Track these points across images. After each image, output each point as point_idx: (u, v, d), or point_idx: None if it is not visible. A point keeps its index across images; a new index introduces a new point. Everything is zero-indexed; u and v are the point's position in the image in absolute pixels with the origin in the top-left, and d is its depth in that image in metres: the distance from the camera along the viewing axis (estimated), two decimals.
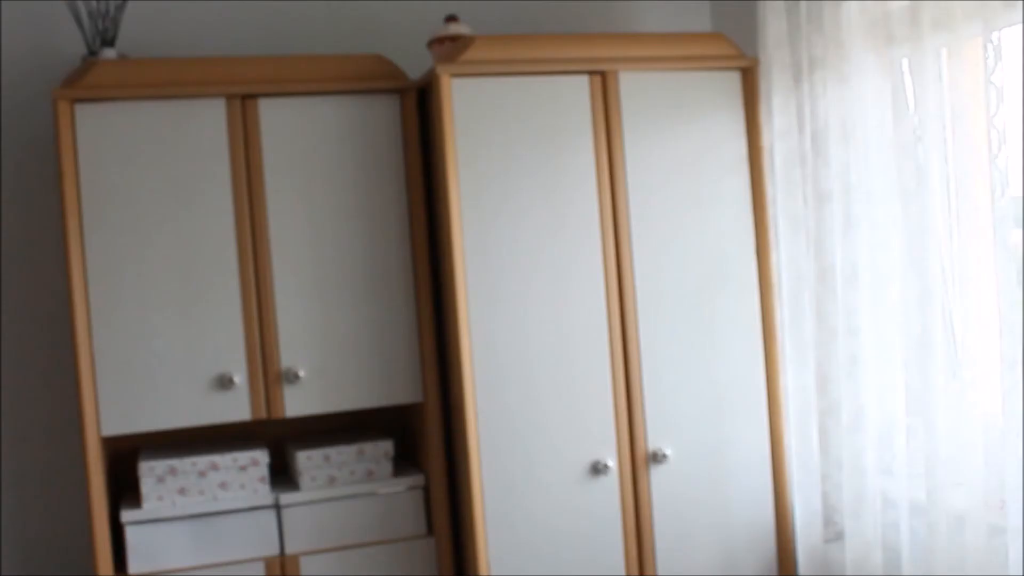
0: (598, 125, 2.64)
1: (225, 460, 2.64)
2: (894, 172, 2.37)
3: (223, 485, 2.64)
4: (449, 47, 2.67)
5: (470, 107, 2.56)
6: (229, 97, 2.59)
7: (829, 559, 2.71)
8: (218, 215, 2.59)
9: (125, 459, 2.83)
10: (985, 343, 2.24)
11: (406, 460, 2.92)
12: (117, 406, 2.53)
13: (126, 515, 2.58)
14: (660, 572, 2.69)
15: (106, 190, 2.52)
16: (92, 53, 2.71)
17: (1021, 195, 2.15)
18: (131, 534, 2.58)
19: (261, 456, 2.66)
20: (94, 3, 2.73)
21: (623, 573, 2.67)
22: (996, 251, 2.11)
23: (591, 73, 2.64)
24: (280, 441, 2.93)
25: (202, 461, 2.63)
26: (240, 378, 2.59)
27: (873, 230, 2.48)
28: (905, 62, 2.34)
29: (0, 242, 2.89)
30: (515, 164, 2.58)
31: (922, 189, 2.28)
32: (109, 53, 2.68)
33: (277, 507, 2.66)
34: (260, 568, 2.62)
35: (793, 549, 2.79)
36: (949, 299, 2.32)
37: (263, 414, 2.61)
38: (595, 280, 2.63)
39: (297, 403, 2.63)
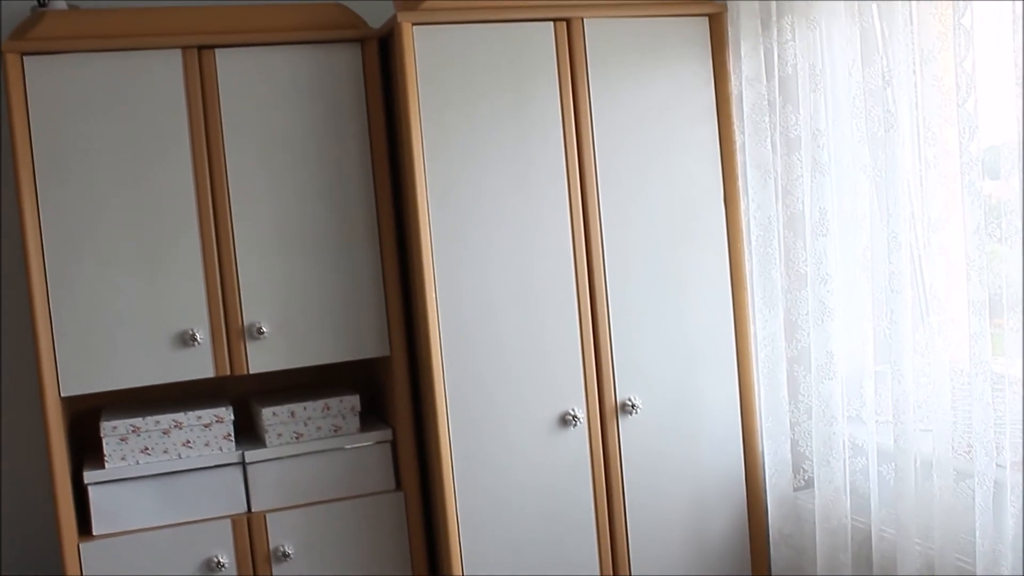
0: (563, 73, 2.60)
1: (189, 418, 2.61)
2: (863, 118, 2.35)
3: (187, 443, 2.61)
4: None
5: (433, 56, 2.51)
6: (185, 48, 2.53)
7: (799, 506, 2.72)
8: (176, 170, 2.53)
9: (87, 420, 2.78)
10: (953, 289, 2.23)
11: (373, 415, 2.89)
12: (76, 366, 2.49)
13: (89, 476, 2.55)
14: (631, 522, 2.69)
15: (59, 146, 2.46)
16: (41, 4, 2.62)
17: (996, 145, 2.13)
18: (95, 495, 2.55)
19: (225, 413, 2.63)
20: None
21: (593, 524, 2.66)
22: (964, 196, 2.10)
23: (556, 20, 2.59)
24: (245, 399, 2.89)
25: (165, 419, 2.59)
26: (202, 335, 2.55)
27: (842, 176, 2.47)
28: (874, 6, 2.31)
29: None
30: (479, 114, 2.54)
31: (891, 135, 2.26)
32: (59, 3, 2.60)
33: (243, 464, 2.63)
34: (227, 526, 2.59)
35: (763, 497, 2.80)
36: (918, 245, 2.31)
37: (227, 371, 2.57)
38: (562, 231, 2.60)
39: (261, 359, 2.60)
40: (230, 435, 2.64)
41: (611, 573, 2.69)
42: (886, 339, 2.34)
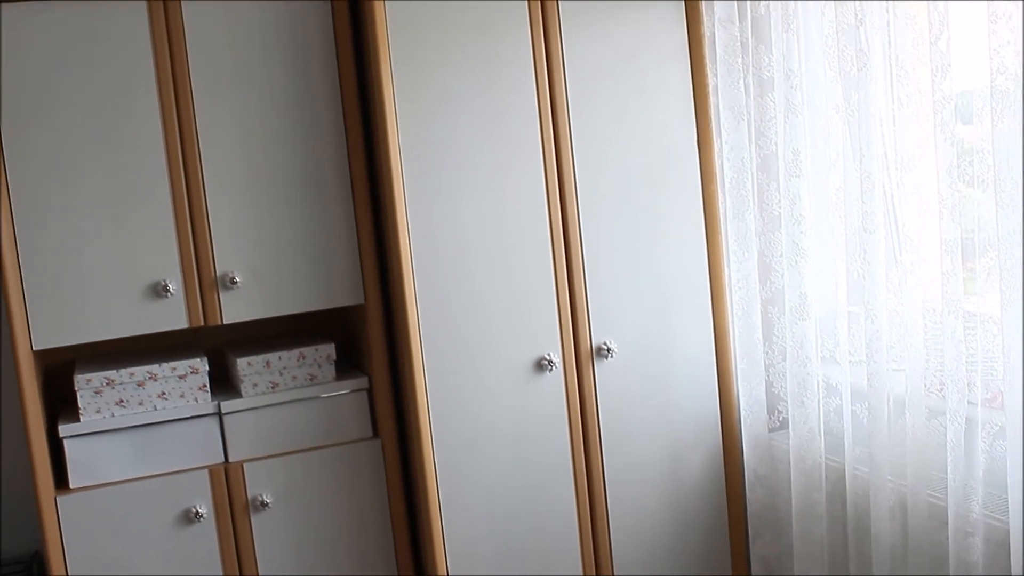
0: (535, 16, 2.57)
1: (163, 370, 2.59)
2: (835, 57, 2.34)
3: (162, 395, 2.60)
4: None
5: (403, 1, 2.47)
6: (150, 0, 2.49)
7: (774, 447, 2.74)
8: (144, 120, 2.50)
9: (61, 374, 2.77)
10: (925, 228, 2.23)
11: (348, 363, 2.89)
12: (48, 319, 2.47)
13: (64, 429, 2.54)
14: (607, 465, 2.71)
15: (24, 97, 2.42)
16: None
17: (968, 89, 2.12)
18: (70, 448, 2.54)
19: (200, 364, 2.62)
20: None
21: (570, 468, 2.68)
22: (936, 135, 2.09)
23: None
24: (219, 351, 2.88)
25: (140, 371, 2.58)
26: (175, 285, 2.53)
27: (815, 117, 2.46)
28: None
29: None
30: (451, 58, 2.51)
31: (864, 74, 2.25)
32: None
33: (219, 415, 2.62)
34: (204, 477, 2.59)
35: (738, 439, 2.82)
36: (890, 185, 2.31)
37: (200, 321, 2.56)
38: (535, 175, 2.58)
39: (235, 309, 2.58)
40: (205, 386, 2.63)
41: (588, 516, 2.71)
42: (859, 279, 2.34)
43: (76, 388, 2.55)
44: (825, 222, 2.49)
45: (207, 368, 2.63)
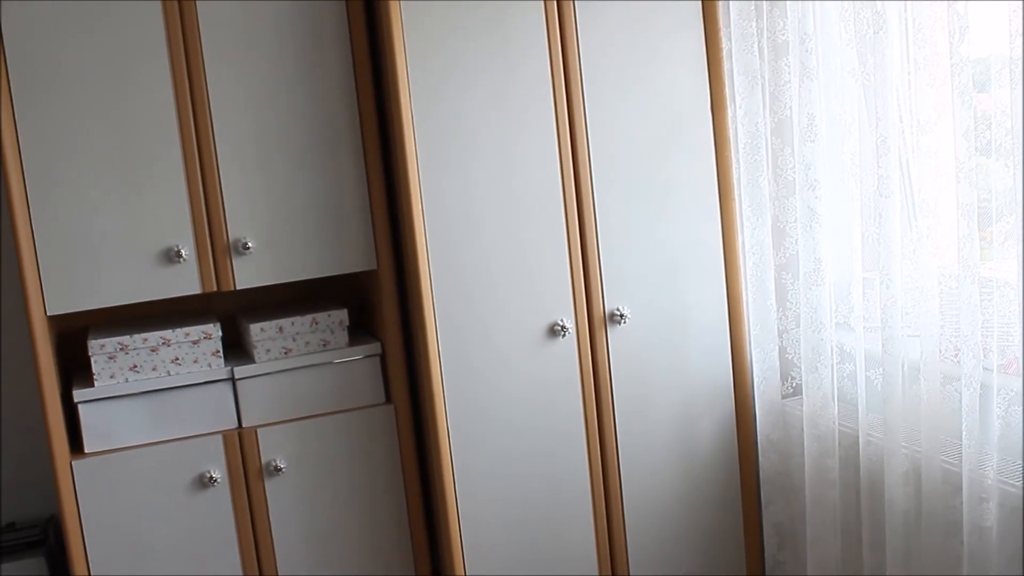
0: None
1: (177, 335, 2.60)
2: (851, 20, 2.31)
3: (176, 360, 2.61)
4: None
5: None
6: None
7: (787, 413, 2.74)
8: (156, 85, 2.49)
9: (74, 340, 2.78)
10: (941, 193, 2.22)
11: (361, 329, 2.89)
12: (62, 285, 2.47)
13: (78, 394, 2.55)
14: (620, 431, 2.71)
15: (36, 63, 2.41)
16: None
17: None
18: (85, 413, 2.55)
19: (213, 330, 2.62)
20: None
21: (583, 434, 2.68)
22: (954, 98, 2.07)
23: None
24: (232, 317, 2.89)
25: (153, 337, 2.58)
26: (187, 251, 2.53)
27: (830, 81, 2.44)
28: None
29: None
30: (463, 23, 2.49)
31: (880, 37, 2.22)
32: None
33: (232, 380, 2.63)
34: (218, 442, 2.60)
35: (751, 404, 2.82)
36: (906, 149, 2.29)
37: (213, 287, 2.56)
38: (548, 140, 2.57)
39: (247, 275, 2.58)
40: (219, 351, 2.63)
41: (601, 482, 2.72)
42: (874, 245, 2.33)
43: (90, 353, 2.55)
44: (840, 187, 2.47)
45: (220, 334, 2.64)
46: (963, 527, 2.18)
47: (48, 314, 2.47)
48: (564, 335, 2.62)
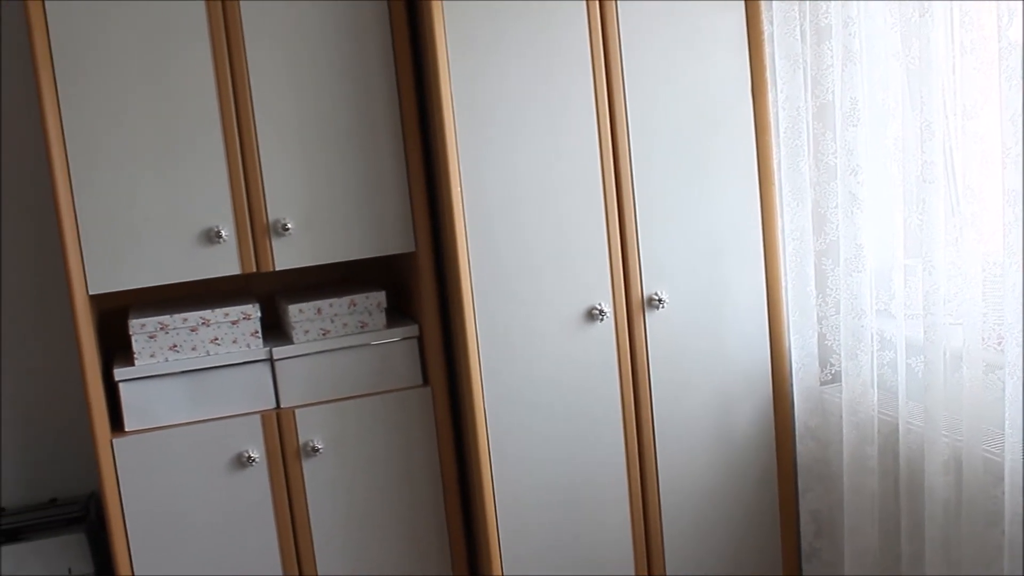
0: None
1: (216, 315, 2.62)
2: (896, 3, 2.28)
3: (215, 340, 2.62)
4: None
5: None
6: None
7: (825, 400, 2.72)
8: (196, 65, 2.50)
9: (115, 320, 2.81)
10: (986, 178, 2.19)
11: (398, 311, 2.90)
12: (103, 264, 2.50)
13: (119, 373, 2.57)
14: (657, 416, 2.70)
15: (78, 44, 2.42)
16: None
17: None
18: (125, 392, 2.57)
19: (252, 310, 2.64)
20: None
21: (619, 418, 2.68)
22: (1001, 82, 2.04)
23: None
24: (270, 298, 2.90)
25: (193, 317, 2.60)
26: (227, 232, 2.55)
27: (873, 65, 2.41)
28: None
29: None
30: (504, 6, 2.48)
31: (925, 20, 2.19)
32: None
33: (271, 361, 2.64)
34: (256, 422, 2.62)
35: (789, 391, 2.80)
36: (951, 134, 2.26)
37: (252, 268, 2.58)
38: (587, 123, 2.56)
39: (287, 256, 2.59)
40: (257, 332, 2.65)
41: (637, 466, 2.71)
42: (917, 231, 2.30)
43: (131, 333, 2.58)
44: (882, 172, 2.44)
45: (259, 314, 2.65)
46: (1004, 517, 2.15)
47: (90, 293, 2.50)
48: (602, 319, 2.62)
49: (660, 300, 2.65)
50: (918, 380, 2.37)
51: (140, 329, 2.58)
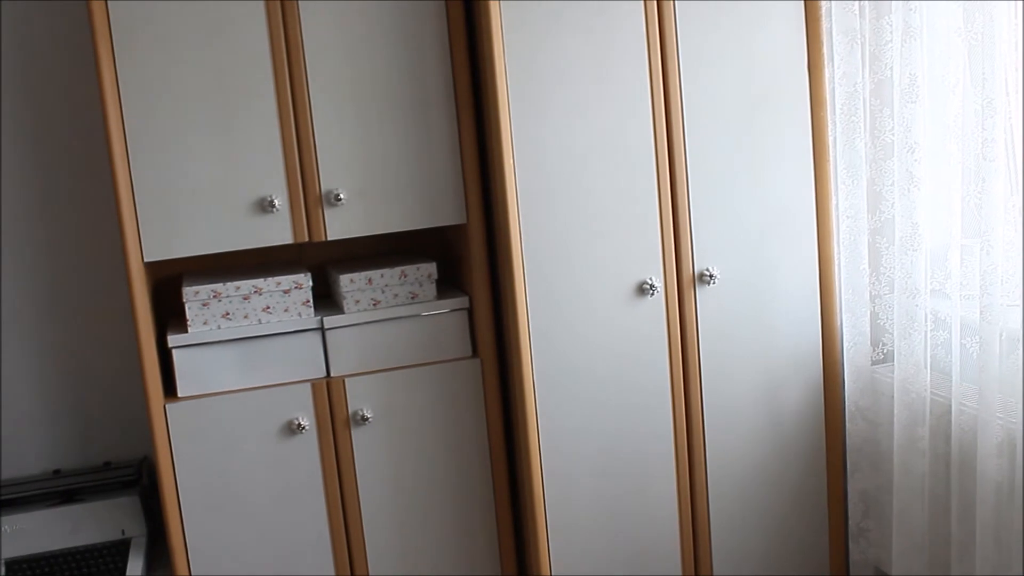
0: None
1: (268, 284, 2.64)
2: None
3: (267, 309, 2.65)
4: None
5: None
6: None
7: (876, 380, 2.70)
8: (251, 34, 2.51)
9: (168, 289, 2.84)
10: None
11: (449, 283, 2.91)
12: (158, 232, 2.52)
13: (173, 339, 2.60)
14: (706, 392, 2.69)
15: (136, 14, 2.44)
16: None
17: None
18: (179, 358, 2.61)
19: (304, 280, 2.66)
20: None
21: (668, 393, 2.67)
22: None
23: None
24: (322, 268, 2.92)
25: (245, 285, 2.63)
26: (280, 201, 2.57)
27: (934, 40, 2.37)
28: None
29: (35, 73, 2.85)
30: None
31: None
32: None
33: (322, 330, 2.66)
34: (307, 390, 2.65)
35: (840, 370, 2.78)
36: (1012, 112, 2.22)
37: (305, 237, 2.59)
38: (642, 97, 2.55)
39: (339, 226, 2.61)
40: (309, 301, 2.67)
41: (685, 442, 2.71)
42: (975, 210, 2.27)
43: (184, 300, 2.60)
44: (941, 150, 2.41)
45: (311, 284, 2.67)
46: None
47: (145, 261, 2.53)
48: (652, 294, 2.61)
49: (711, 276, 2.64)
50: (972, 361, 2.34)
51: (193, 297, 2.61)
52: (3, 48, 2.84)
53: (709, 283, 2.64)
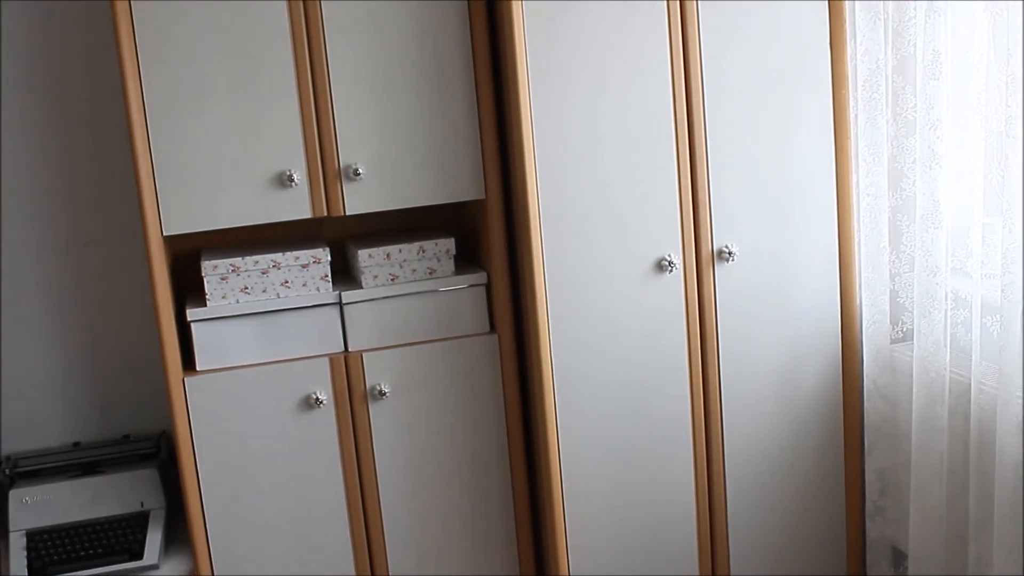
0: None
1: (287, 259, 2.64)
2: None
3: (285, 283, 2.65)
4: None
5: None
6: None
7: (895, 358, 2.69)
8: (272, 9, 2.50)
9: (187, 264, 2.85)
10: None
11: (466, 259, 2.91)
12: (177, 206, 2.53)
13: (191, 313, 2.61)
14: (723, 369, 2.69)
15: None
16: None
17: None
18: (197, 332, 2.61)
19: (322, 254, 2.66)
20: None
21: (686, 370, 2.67)
22: None
23: None
24: (340, 243, 2.93)
25: (264, 260, 2.63)
26: (299, 176, 2.57)
27: (958, 16, 2.35)
28: None
29: (53, 45, 2.85)
30: None
31: None
32: None
33: (340, 305, 2.67)
34: (325, 364, 2.65)
35: (859, 348, 2.77)
36: None
37: (323, 212, 2.59)
38: (661, 72, 2.53)
39: (357, 201, 2.61)
40: (327, 276, 2.67)
41: (702, 419, 2.71)
42: (998, 188, 2.25)
43: (203, 274, 2.61)
44: (963, 127, 2.39)
45: (329, 258, 2.67)
46: None
47: (164, 234, 2.53)
48: (671, 271, 2.60)
49: (730, 253, 2.63)
50: (993, 340, 2.33)
51: (212, 271, 2.62)
52: (21, 19, 2.84)
53: (728, 260, 2.63)
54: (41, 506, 2.75)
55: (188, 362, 2.64)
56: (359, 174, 2.58)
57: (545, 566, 2.82)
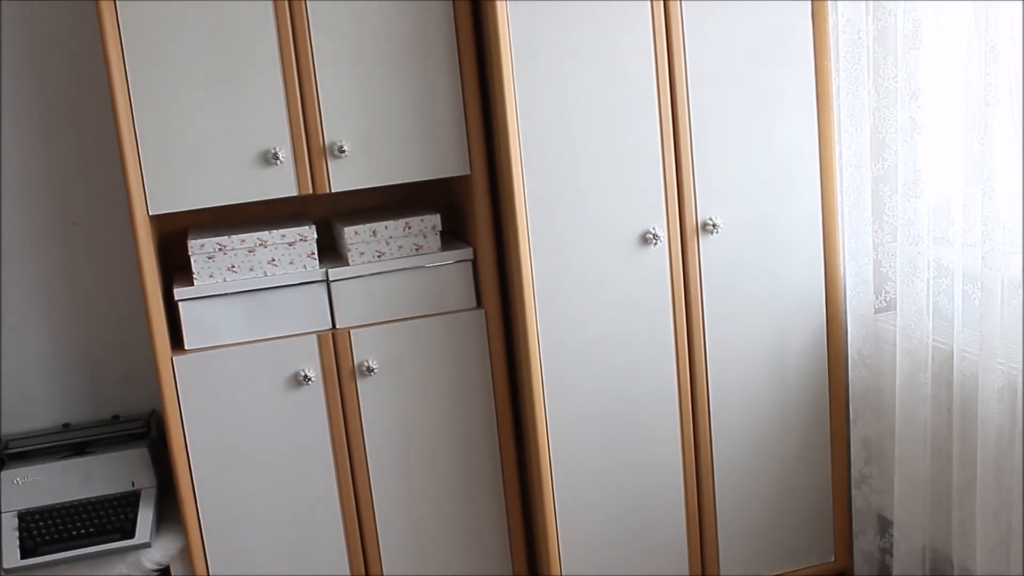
0: None
1: (273, 237, 2.65)
2: None
3: (272, 262, 2.66)
4: None
5: None
6: None
7: (879, 328, 2.71)
8: None
9: (174, 243, 2.85)
10: None
11: (453, 235, 2.92)
12: (163, 185, 2.53)
13: (179, 292, 2.62)
14: (709, 341, 2.71)
15: None
16: None
17: None
18: (185, 311, 2.62)
19: (308, 232, 2.67)
20: None
21: (672, 343, 2.69)
22: None
23: None
24: (326, 221, 2.93)
25: (250, 238, 2.64)
26: (284, 153, 2.57)
27: None
28: None
29: (37, 26, 2.84)
30: None
31: None
32: None
33: (327, 282, 2.68)
34: (312, 342, 2.66)
35: (843, 318, 2.79)
36: (1017, 55, 2.22)
37: (309, 189, 2.60)
38: (644, 45, 2.54)
39: (343, 178, 2.61)
40: (314, 253, 2.68)
41: (688, 392, 2.73)
42: (978, 157, 2.27)
43: (190, 253, 2.62)
44: (944, 96, 2.40)
45: (315, 236, 2.68)
46: None
47: (150, 214, 2.54)
48: (656, 243, 2.62)
49: (715, 225, 2.64)
50: (974, 308, 2.35)
51: (199, 250, 2.62)
52: (4, 3, 2.83)
53: (712, 232, 2.65)
54: (32, 487, 2.76)
55: (176, 341, 2.65)
56: (344, 151, 2.59)
57: (534, 532, 2.85)
